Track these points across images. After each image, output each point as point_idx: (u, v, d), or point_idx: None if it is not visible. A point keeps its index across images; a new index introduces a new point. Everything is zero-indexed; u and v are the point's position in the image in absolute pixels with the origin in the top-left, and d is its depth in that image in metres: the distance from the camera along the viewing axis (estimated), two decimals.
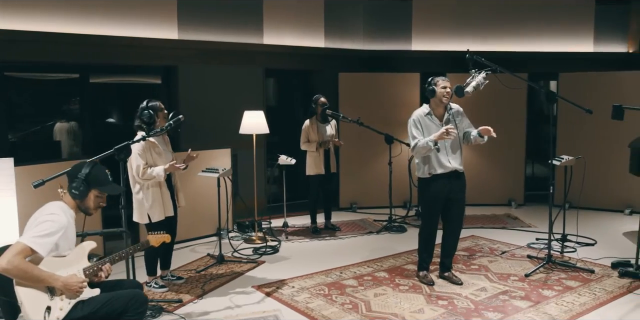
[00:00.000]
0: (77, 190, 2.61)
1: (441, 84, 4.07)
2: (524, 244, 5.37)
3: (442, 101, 4.08)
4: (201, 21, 6.27)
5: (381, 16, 7.56)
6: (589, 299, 3.91)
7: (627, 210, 6.59)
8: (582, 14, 7.57)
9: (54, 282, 2.40)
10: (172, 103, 6.34)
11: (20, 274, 2.31)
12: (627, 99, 5.67)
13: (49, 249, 2.42)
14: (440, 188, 4.08)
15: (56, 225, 2.46)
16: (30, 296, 2.35)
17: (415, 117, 4.13)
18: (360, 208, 7.06)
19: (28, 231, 2.43)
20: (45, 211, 2.52)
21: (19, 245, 2.35)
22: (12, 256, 2.29)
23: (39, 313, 2.35)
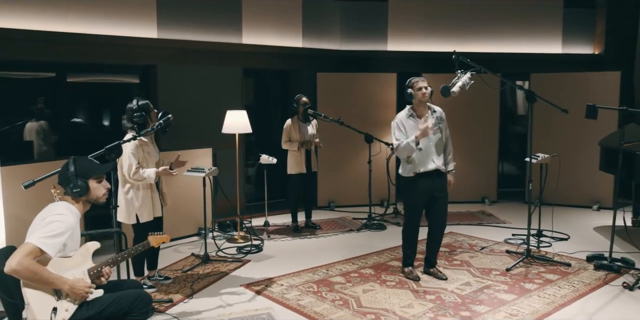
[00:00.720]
0: (77, 188, 2.58)
1: (417, 85, 4.15)
2: (501, 239, 5.53)
3: (422, 102, 4.18)
4: (180, 20, 6.22)
5: (357, 17, 7.64)
6: (569, 291, 4.07)
7: (595, 206, 6.86)
8: (551, 17, 7.82)
9: (62, 285, 2.38)
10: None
11: (30, 275, 2.28)
12: (594, 98, 5.86)
13: (57, 249, 2.40)
14: (423, 187, 4.18)
15: (64, 225, 2.43)
16: (37, 297, 2.32)
17: (397, 120, 4.23)
18: (338, 206, 7.13)
19: (36, 231, 2.39)
20: (53, 211, 2.49)
21: (28, 246, 2.31)
22: (22, 257, 2.26)
23: (45, 314, 2.32)
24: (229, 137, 5.67)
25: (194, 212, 5.70)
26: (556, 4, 7.81)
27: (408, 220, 4.34)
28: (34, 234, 2.37)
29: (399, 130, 4.17)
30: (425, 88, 4.11)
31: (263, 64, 7.01)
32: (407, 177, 4.21)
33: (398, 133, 4.17)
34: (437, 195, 4.26)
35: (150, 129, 3.83)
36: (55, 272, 2.38)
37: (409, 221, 4.34)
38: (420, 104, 4.18)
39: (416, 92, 4.13)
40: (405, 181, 4.26)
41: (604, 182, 6.76)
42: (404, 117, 4.22)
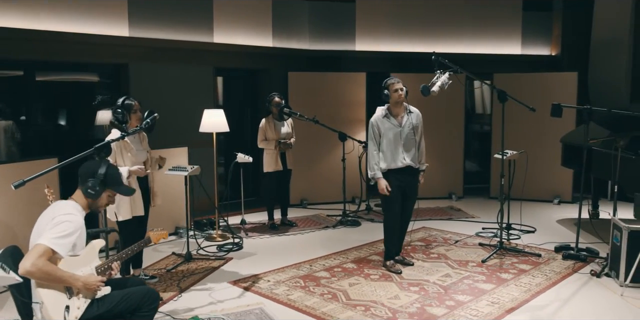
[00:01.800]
0: (93, 190, 2.58)
1: (393, 87, 4.31)
2: (472, 233, 5.76)
3: (398, 102, 4.33)
4: (152, 18, 6.16)
5: (326, 17, 7.75)
6: (542, 279, 4.30)
7: (556, 200, 7.21)
8: (511, 19, 8.16)
9: (75, 283, 2.38)
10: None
11: (44, 276, 2.27)
12: (553, 98, 6.17)
13: (68, 249, 2.39)
14: (395, 182, 4.35)
15: (73, 225, 2.42)
16: (50, 296, 2.31)
17: (373, 121, 4.40)
18: (311, 204, 7.22)
19: (46, 232, 2.37)
20: (61, 211, 2.47)
21: (41, 247, 2.30)
22: (36, 259, 2.24)
23: (59, 312, 2.31)
24: (202, 136, 5.68)
25: (171, 211, 5.68)
26: (516, 7, 8.15)
27: (387, 215, 4.48)
28: (44, 235, 2.36)
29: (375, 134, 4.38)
30: (400, 89, 4.28)
31: (234, 63, 7.02)
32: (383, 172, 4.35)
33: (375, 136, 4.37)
34: (409, 191, 4.45)
35: (139, 127, 3.81)
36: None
37: (388, 216, 4.47)
38: (397, 104, 4.34)
39: (392, 93, 4.29)
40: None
41: (563, 177, 7.13)
42: (380, 117, 4.36)
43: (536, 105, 4.91)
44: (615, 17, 7.94)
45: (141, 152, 4.10)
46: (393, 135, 4.32)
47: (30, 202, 4.54)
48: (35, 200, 4.56)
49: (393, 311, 3.68)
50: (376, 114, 4.41)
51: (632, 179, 4.73)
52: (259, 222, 6.27)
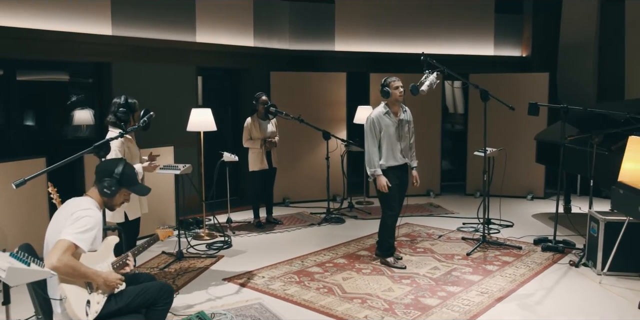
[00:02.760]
0: (109, 190, 2.62)
1: (394, 84, 4.45)
2: (454, 228, 5.95)
3: (397, 100, 4.47)
4: (135, 17, 6.14)
5: (306, 17, 7.84)
6: (526, 270, 4.51)
7: (529, 196, 7.49)
8: (484, 21, 8.43)
9: (97, 278, 2.42)
10: (105, 101, 6.15)
11: (69, 270, 2.30)
12: (523, 97, 6.43)
13: (89, 244, 2.43)
14: (395, 180, 4.49)
15: (93, 220, 2.46)
16: (73, 292, 2.34)
17: (374, 117, 4.48)
18: (293, 202, 7.31)
19: (67, 228, 2.40)
20: (80, 207, 2.50)
21: (64, 242, 2.33)
22: (61, 254, 2.28)
23: (81, 307, 2.35)
24: (185, 135, 5.71)
25: (157, 210, 5.68)
26: (488, 10, 8.42)
27: (386, 213, 4.60)
28: (65, 231, 2.38)
29: (375, 131, 4.43)
30: (401, 87, 4.41)
31: (216, 62, 7.04)
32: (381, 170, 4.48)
33: (375, 133, 4.43)
34: (403, 188, 4.61)
35: (137, 126, 3.83)
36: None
37: (388, 214, 4.59)
38: (396, 102, 4.47)
39: (393, 90, 4.42)
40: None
41: (535, 174, 7.42)
42: (381, 113, 4.48)
43: (499, 104, 5.11)
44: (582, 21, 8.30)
45: (136, 151, 4.12)
46: (393, 132, 4.46)
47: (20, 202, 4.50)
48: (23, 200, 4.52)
49: (389, 303, 3.82)
50: (376, 111, 4.52)
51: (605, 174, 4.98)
52: (244, 221, 6.33)
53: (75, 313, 2.31)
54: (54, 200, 3.37)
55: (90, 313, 2.38)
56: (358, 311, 3.67)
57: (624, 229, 4.07)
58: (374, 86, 7.47)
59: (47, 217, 4.75)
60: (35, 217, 4.59)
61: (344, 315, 3.59)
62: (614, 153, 4.79)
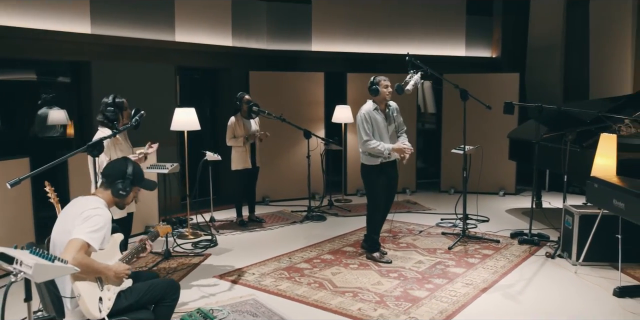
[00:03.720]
0: (124, 191, 2.67)
1: (383, 83, 4.58)
2: (432, 223, 6.13)
3: (385, 99, 4.61)
4: (115, 16, 6.09)
5: (283, 18, 7.91)
6: (505, 262, 4.71)
7: (501, 192, 7.76)
8: (456, 23, 8.66)
9: (108, 273, 2.46)
10: (84, 100, 6.10)
11: (84, 268, 2.33)
12: (494, 97, 6.67)
13: (100, 242, 2.46)
14: (386, 174, 4.63)
15: (103, 219, 2.49)
16: (86, 289, 2.37)
17: (365, 112, 4.59)
18: (272, 201, 7.37)
19: (78, 227, 2.42)
20: (89, 206, 2.53)
21: (78, 241, 2.36)
22: (75, 253, 2.31)
23: (95, 304, 2.38)
24: (165, 135, 5.71)
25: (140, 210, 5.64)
26: (460, 11, 8.66)
27: (375, 207, 4.72)
28: (77, 230, 2.41)
29: (368, 124, 4.54)
30: (390, 86, 4.55)
31: (195, 62, 7.04)
32: (372, 166, 4.60)
33: (368, 126, 4.53)
34: (393, 183, 4.75)
35: (129, 125, 3.85)
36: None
37: (376, 208, 4.72)
38: (384, 100, 4.60)
39: (382, 89, 4.54)
40: (370, 169, 4.64)
41: (507, 171, 7.69)
42: (370, 110, 4.60)
43: (471, 103, 5.30)
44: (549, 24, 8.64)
45: (128, 149, 4.13)
46: (383, 128, 4.59)
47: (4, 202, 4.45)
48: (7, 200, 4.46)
49: (380, 295, 3.94)
50: (366, 108, 4.62)
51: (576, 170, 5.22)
52: (227, 220, 6.36)
53: (89, 310, 2.34)
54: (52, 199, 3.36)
55: (103, 309, 2.41)
56: (351, 304, 3.78)
57: (598, 221, 4.30)
58: (352, 86, 7.60)
59: (31, 217, 4.70)
60: (20, 216, 4.53)
61: (338, 309, 3.70)
62: (585, 150, 5.04)
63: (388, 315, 3.59)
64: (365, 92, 4.46)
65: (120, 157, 2.88)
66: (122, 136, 4.11)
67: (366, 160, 4.66)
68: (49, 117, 7.26)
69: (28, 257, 1.91)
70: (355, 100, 7.53)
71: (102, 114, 3.98)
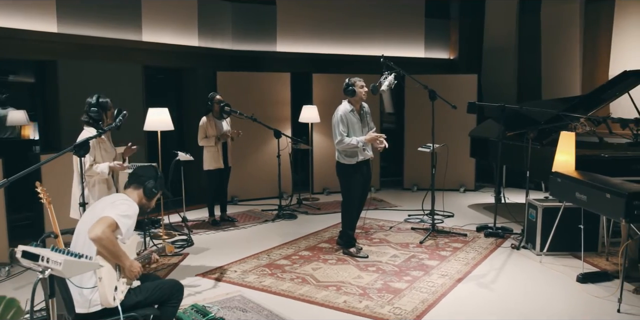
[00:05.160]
0: (156, 190, 2.81)
1: (359, 84, 4.74)
2: (401, 219, 6.35)
3: (362, 99, 4.76)
4: (81, 14, 5.99)
5: (248, 18, 7.96)
6: (475, 254, 4.97)
7: (462, 189, 8.09)
8: (415, 25, 8.94)
9: (126, 261, 2.54)
10: (50, 100, 5.97)
11: (109, 245, 2.40)
12: (454, 97, 6.86)
13: (127, 229, 2.53)
14: (362, 172, 4.79)
15: (132, 210, 2.58)
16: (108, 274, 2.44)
17: (342, 113, 4.73)
18: (241, 201, 7.41)
19: (109, 209, 2.47)
20: (120, 198, 2.63)
21: (109, 218, 2.43)
22: (106, 227, 2.38)
23: (111, 291, 2.45)
24: (133, 135, 5.68)
25: None
26: (419, 14, 8.95)
27: (350, 204, 4.88)
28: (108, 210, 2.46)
29: (343, 125, 4.68)
30: (365, 87, 4.71)
31: (162, 61, 7.00)
32: (349, 165, 4.75)
33: (343, 127, 4.68)
34: (367, 180, 4.92)
35: (114, 125, 3.84)
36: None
37: (351, 205, 4.87)
38: (360, 100, 4.76)
39: (359, 89, 4.70)
40: (346, 168, 4.78)
41: (467, 168, 8.02)
42: (347, 111, 4.74)
43: (441, 104, 5.55)
44: (503, 27, 9.05)
45: (111, 149, 4.12)
46: (358, 128, 4.74)
47: None
48: None
49: (362, 288, 4.09)
50: (343, 109, 4.76)
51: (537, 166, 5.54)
52: (199, 219, 6.37)
53: (106, 295, 2.41)
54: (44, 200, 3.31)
55: (117, 299, 2.47)
56: (336, 297, 3.92)
57: (560, 214, 4.61)
58: (317, 86, 7.74)
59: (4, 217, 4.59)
60: None
61: (325, 302, 3.83)
62: (545, 147, 5.36)
63: (373, 306, 3.75)
64: (331, 93, 4.66)
65: (148, 164, 2.94)
66: (106, 136, 4.09)
67: (342, 159, 4.81)
68: (8, 118, 7.06)
69: (53, 254, 1.95)
70: (321, 100, 7.68)
71: (86, 114, 3.96)
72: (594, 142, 5.84)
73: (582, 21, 7.92)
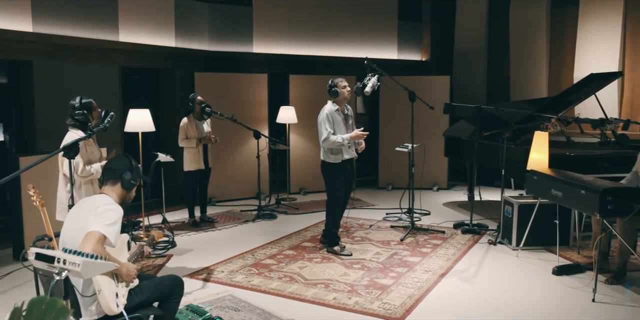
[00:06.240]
0: (134, 180, 2.72)
1: (341, 84, 4.84)
2: (379, 218, 6.49)
3: (346, 99, 4.87)
4: (57, 14, 5.90)
5: (224, 19, 7.97)
6: (455, 250, 5.13)
7: (435, 187, 8.29)
8: (389, 27, 9.10)
9: (122, 268, 2.52)
10: (25, 101, 5.86)
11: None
12: (425, 98, 7.01)
13: (115, 236, 2.51)
14: (346, 171, 4.90)
15: (117, 214, 2.54)
16: (106, 284, 2.41)
17: (328, 112, 4.83)
18: (219, 201, 7.42)
19: (93, 221, 2.45)
20: (102, 202, 2.56)
21: (96, 233, 2.39)
22: (95, 244, 2.34)
23: (113, 299, 2.43)
24: (110, 136, 5.65)
25: None
26: (392, 17, 9.11)
27: (335, 202, 4.98)
28: (94, 223, 2.44)
29: (329, 123, 4.78)
30: (348, 87, 4.81)
31: (140, 62, 6.95)
32: (334, 163, 4.85)
33: (329, 125, 4.78)
34: (350, 180, 5.03)
35: (102, 127, 3.83)
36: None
37: (336, 203, 4.97)
38: (344, 100, 4.86)
39: (342, 90, 4.79)
40: (331, 167, 4.88)
41: (440, 167, 8.22)
42: (332, 110, 4.84)
43: (415, 105, 5.70)
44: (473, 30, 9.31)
45: (97, 150, 4.11)
46: (342, 127, 4.84)
47: None
48: None
49: (350, 285, 4.19)
50: (328, 108, 4.86)
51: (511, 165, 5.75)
52: (178, 221, 6.36)
53: (108, 304, 2.40)
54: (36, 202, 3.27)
55: (120, 304, 2.48)
56: (325, 294, 4.00)
57: (536, 210, 4.81)
58: (294, 87, 7.81)
59: None
60: None
61: (315, 299, 3.91)
62: (519, 146, 5.57)
63: (363, 302, 3.85)
64: (308, 94, 4.73)
65: (118, 155, 2.91)
66: (92, 137, 4.08)
67: (328, 158, 4.90)
68: None
69: (68, 255, 1.97)
70: (298, 101, 7.75)
71: (71, 117, 3.94)
72: (562, 142, 6.10)
73: (548, 25, 8.23)
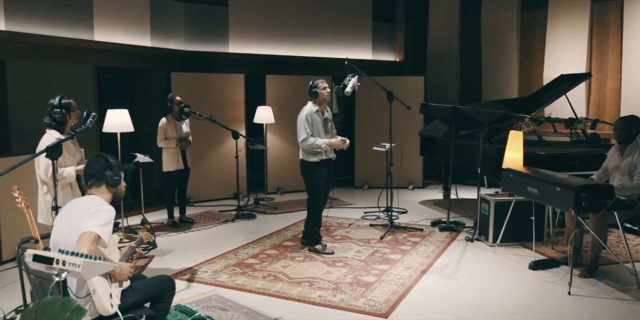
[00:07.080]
0: (117, 176, 2.71)
1: (321, 85, 4.89)
2: (358, 217, 6.57)
3: (325, 99, 4.92)
4: (31, 12, 5.80)
5: (200, 19, 7.93)
6: (434, 247, 5.24)
7: (410, 186, 8.42)
8: (363, 28, 9.20)
9: (116, 269, 2.51)
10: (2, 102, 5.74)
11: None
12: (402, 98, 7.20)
13: (109, 236, 2.51)
14: (325, 170, 4.96)
15: (109, 215, 2.54)
16: (101, 284, 2.41)
17: (307, 113, 4.88)
18: (197, 202, 7.39)
19: (86, 222, 2.45)
20: (94, 202, 2.55)
21: (91, 234, 2.39)
22: (90, 244, 2.34)
23: (107, 299, 2.43)
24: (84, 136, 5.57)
25: None
26: (366, 18, 9.22)
27: (315, 201, 5.03)
28: (88, 223, 2.44)
29: (308, 124, 4.83)
30: (327, 88, 4.86)
31: (115, 62, 6.87)
32: (313, 163, 4.90)
33: (308, 126, 4.83)
34: (329, 180, 5.10)
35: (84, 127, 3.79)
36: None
37: (317, 202, 5.03)
38: (324, 101, 4.91)
39: (322, 91, 4.85)
40: (311, 166, 4.93)
41: (415, 166, 8.35)
42: (312, 111, 4.89)
43: (381, 104, 5.79)
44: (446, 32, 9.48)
45: (77, 151, 4.06)
46: (321, 128, 4.89)
47: None
48: None
49: (334, 283, 4.25)
50: (308, 109, 4.91)
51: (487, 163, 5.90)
52: (157, 221, 6.31)
53: (103, 305, 2.40)
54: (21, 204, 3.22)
55: (115, 304, 2.48)
56: (310, 292, 4.05)
57: (512, 207, 4.96)
58: (270, 87, 7.84)
59: None
60: None
61: (301, 297, 3.95)
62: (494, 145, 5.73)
63: (348, 299, 3.91)
64: (284, 94, 4.74)
65: (94, 156, 2.86)
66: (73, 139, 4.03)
67: (306, 157, 4.95)
68: None
69: (67, 256, 1.97)
70: (274, 101, 7.78)
71: (49, 116, 3.88)
72: (534, 141, 6.29)
73: (519, 27, 8.45)
